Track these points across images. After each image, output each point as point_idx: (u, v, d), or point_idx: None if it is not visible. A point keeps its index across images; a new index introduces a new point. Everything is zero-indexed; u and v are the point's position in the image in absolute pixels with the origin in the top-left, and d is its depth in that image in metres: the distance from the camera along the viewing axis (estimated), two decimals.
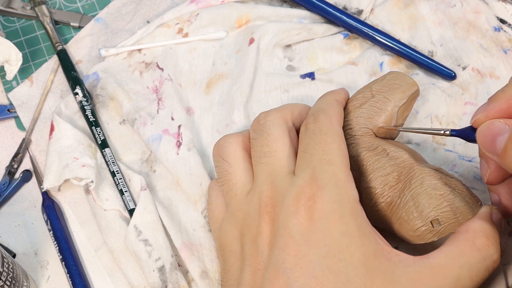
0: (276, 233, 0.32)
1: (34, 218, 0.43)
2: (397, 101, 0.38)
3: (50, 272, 0.42)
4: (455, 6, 0.48)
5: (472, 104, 0.45)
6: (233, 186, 0.36)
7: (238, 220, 0.35)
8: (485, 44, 0.47)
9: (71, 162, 0.42)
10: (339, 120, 0.36)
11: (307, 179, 0.32)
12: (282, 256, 0.31)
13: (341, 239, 0.31)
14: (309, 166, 0.33)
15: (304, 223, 0.31)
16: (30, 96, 0.47)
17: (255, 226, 0.34)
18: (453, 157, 0.43)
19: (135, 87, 0.46)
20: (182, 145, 0.44)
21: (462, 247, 0.32)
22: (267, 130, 0.36)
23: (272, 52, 0.48)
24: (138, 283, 0.40)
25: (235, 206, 0.36)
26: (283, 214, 0.32)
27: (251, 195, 0.35)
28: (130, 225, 0.40)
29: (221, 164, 0.38)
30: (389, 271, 0.31)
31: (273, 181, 0.34)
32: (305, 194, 0.32)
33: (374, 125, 0.37)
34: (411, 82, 0.38)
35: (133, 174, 0.43)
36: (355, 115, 0.38)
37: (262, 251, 0.33)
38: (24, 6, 0.50)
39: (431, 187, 0.34)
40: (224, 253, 0.36)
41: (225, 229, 0.36)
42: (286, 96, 0.46)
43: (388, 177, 0.36)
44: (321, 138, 0.34)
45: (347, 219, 0.31)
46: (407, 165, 0.36)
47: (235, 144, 0.37)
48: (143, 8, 0.50)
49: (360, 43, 0.48)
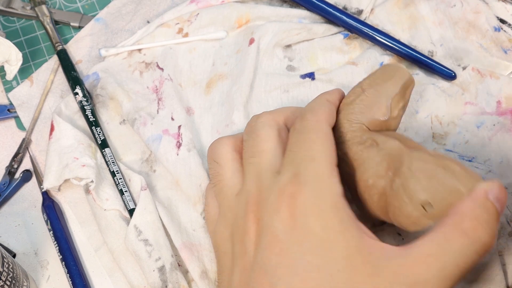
0: (261, 232, 0.32)
1: (34, 218, 0.43)
2: (389, 93, 0.37)
3: (50, 272, 0.42)
4: (455, 6, 0.48)
5: (472, 104, 0.45)
6: (223, 186, 0.37)
7: (229, 221, 0.35)
8: (485, 44, 0.47)
9: (71, 162, 0.42)
10: (327, 118, 0.35)
11: (289, 176, 0.32)
12: (266, 255, 0.31)
13: (321, 234, 0.30)
14: (292, 164, 0.33)
15: (286, 220, 0.31)
16: (30, 96, 0.47)
17: (243, 225, 0.34)
18: (453, 156, 0.43)
19: (135, 87, 0.46)
20: (182, 145, 0.44)
21: (448, 232, 0.30)
22: (257, 131, 0.36)
23: (272, 52, 0.48)
24: (138, 283, 0.40)
25: (226, 207, 0.36)
26: (267, 212, 0.32)
27: (239, 195, 0.35)
28: (130, 225, 0.40)
29: (213, 165, 0.38)
30: (372, 265, 0.30)
31: (259, 180, 0.34)
32: (287, 191, 0.32)
33: (367, 119, 0.37)
34: (402, 72, 0.37)
35: (133, 174, 0.43)
36: (346, 112, 0.37)
37: (249, 250, 0.33)
38: (24, 6, 0.50)
39: (420, 170, 0.33)
40: (218, 254, 0.36)
41: (218, 230, 0.36)
42: (286, 96, 0.46)
43: (379, 167, 0.35)
44: (305, 136, 0.34)
45: (327, 214, 0.31)
46: (397, 152, 0.35)
47: (226, 146, 0.38)
48: (143, 8, 0.50)
49: (360, 43, 0.48)
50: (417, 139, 0.44)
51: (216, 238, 0.36)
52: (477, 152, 0.43)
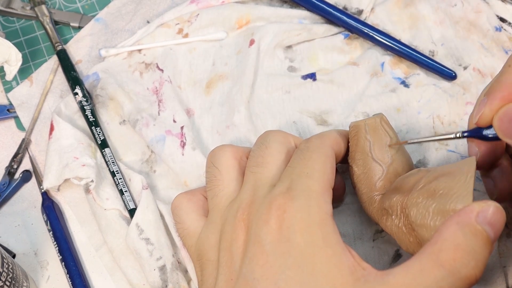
0: (249, 241, 0.32)
1: (34, 218, 0.43)
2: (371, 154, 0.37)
3: (50, 272, 0.41)
4: (456, 5, 0.48)
5: (473, 104, 0.45)
6: (219, 192, 0.36)
7: (218, 227, 0.35)
8: (486, 44, 0.47)
9: (71, 161, 0.42)
10: (331, 143, 0.36)
11: (282, 190, 0.33)
12: (251, 266, 0.31)
13: (305, 249, 0.30)
14: (288, 178, 0.33)
15: (273, 232, 0.31)
16: (30, 96, 0.47)
17: (231, 232, 0.34)
18: (455, 157, 0.43)
19: (136, 88, 0.46)
20: (187, 144, 0.43)
21: (424, 263, 0.28)
22: (266, 144, 0.37)
23: (273, 53, 0.47)
24: (138, 282, 0.40)
25: (216, 213, 0.36)
26: (256, 222, 0.32)
27: (233, 202, 0.35)
28: (132, 224, 0.40)
29: (211, 170, 0.38)
30: (350, 285, 0.30)
31: (256, 190, 0.34)
32: (277, 203, 0.32)
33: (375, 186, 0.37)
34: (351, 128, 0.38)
35: (133, 173, 0.43)
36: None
37: (235, 260, 0.33)
38: (24, 6, 0.50)
39: (416, 216, 0.32)
40: (202, 263, 0.36)
41: (204, 237, 0.36)
42: (288, 97, 0.46)
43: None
44: (306, 154, 0.34)
45: (313, 230, 0.31)
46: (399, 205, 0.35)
47: (228, 153, 0.38)
48: (143, 8, 0.50)
49: (360, 43, 0.48)
50: None
51: (201, 245, 0.36)
52: None
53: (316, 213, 0.31)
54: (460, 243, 0.28)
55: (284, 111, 0.45)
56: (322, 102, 0.46)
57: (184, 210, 0.38)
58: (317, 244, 0.31)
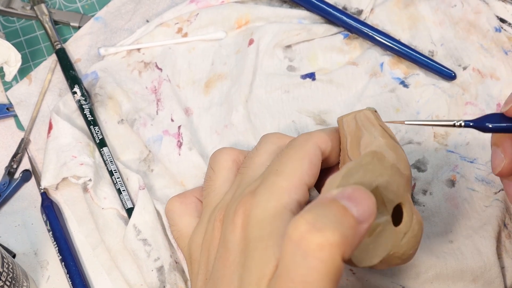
0: (221, 241, 0.32)
1: (34, 218, 0.43)
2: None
3: (50, 272, 0.42)
4: (455, 6, 0.48)
5: (472, 104, 0.45)
6: (211, 192, 0.37)
7: (205, 226, 0.35)
8: (486, 44, 0.47)
9: (69, 160, 0.42)
10: (317, 141, 0.34)
11: (251, 189, 0.32)
12: (217, 265, 0.31)
13: (253, 244, 0.30)
14: (261, 177, 0.33)
15: (237, 230, 0.31)
16: (29, 94, 0.47)
17: (211, 232, 0.34)
18: (454, 157, 0.43)
19: (134, 87, 0.46)
20: (183, 144, 0.43)
21: None
22: (259, 145, 0.36)
23: (272, 53, 0.47)
24: (135, 281, 0.40)
25: (206, 213, 0.36)
26: (225, 222, 0.32)
27: (219, 202, 0.35)
28: (129, 225, 0.40)
29: (208, 171, 0.38)
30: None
31: (236, 190, 0.34)
32: (243, 201, 0.32)
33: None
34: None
35: (130, 173, 0.43)
36: None
37: (210, 259, 0.33)
38: (24, 6, 0.50)
39: None
40: (191, 262, 0.36)
41: (193, 237, 0.36)
42: (287, 97, 0.46)
43: None
44: (285, 152, 0.34)
45: (264, 224, 0.30)
46: None
47: (226, 155, 0.37)
48: (143, 7, 0.50)
49: (360, 43, 0.48)
50: (419, 138, 0.44)
51: (190, 246, 0.36)
52: (478, 154, 0.43)
53: (272, 207, 0.30)
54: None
55: (283, 110, 0.45)
56: (321, 102, 0.46)
57: (177, 213, 0.38)
58: (264, 238, 0.30)
